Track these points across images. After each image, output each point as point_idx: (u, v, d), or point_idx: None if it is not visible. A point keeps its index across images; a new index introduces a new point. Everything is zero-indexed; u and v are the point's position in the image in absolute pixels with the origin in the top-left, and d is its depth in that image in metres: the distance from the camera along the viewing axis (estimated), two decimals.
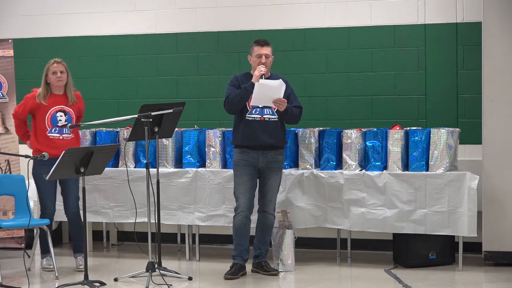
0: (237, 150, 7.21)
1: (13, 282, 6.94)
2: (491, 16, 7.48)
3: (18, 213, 7.58)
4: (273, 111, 7.14)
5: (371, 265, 7.65)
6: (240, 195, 7.12)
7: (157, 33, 8.98)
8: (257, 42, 7.21)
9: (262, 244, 7.23)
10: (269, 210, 7.19)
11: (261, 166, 7.13)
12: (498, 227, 7.45)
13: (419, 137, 7.42)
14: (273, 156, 7.15)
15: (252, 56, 7.20)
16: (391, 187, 7.37)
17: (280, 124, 7.17)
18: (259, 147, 7.10)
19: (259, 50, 7.15)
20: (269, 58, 7.17)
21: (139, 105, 7.04)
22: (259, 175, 7.18)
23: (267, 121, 7.12)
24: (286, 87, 7.10)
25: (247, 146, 7.11)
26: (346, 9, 8.48)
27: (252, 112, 7.12)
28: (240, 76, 7.24)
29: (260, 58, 7.13)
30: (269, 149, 7.12)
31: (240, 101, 7.05)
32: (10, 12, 9.33)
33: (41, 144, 7.41)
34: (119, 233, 8.89)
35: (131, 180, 7.58)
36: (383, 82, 8.40)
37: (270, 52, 7.18)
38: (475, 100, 7.97)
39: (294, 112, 7.18)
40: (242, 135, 7.13)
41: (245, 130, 7.11)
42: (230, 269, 7.15)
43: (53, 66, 7.46)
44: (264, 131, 7.09)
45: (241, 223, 7.12)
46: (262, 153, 7.11)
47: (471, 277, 7.19)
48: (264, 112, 7.12)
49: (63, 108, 7.49)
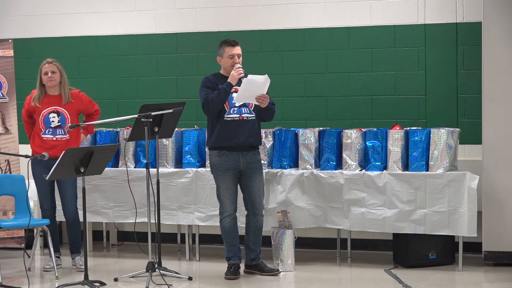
0: (214, 152, 7.11)
1: (13, 282, 6.94)
2: (491, 16, 7.48)
3: (18, 213, 7.59)
4: (250, 110, 7.09)
5: (371, 265, 7.65)
6: (225, 199, 7.09)
7: (157, 33, 8.98)
8: (227, 42, 7.13)
9: (256, 246, 7.20)
10: (260, 211, 7.19)
11: (242, 167, 7.09)
12: (498, 227, 7.45)
13: (419, 137, 7.42)
14: (252, 156, 7.12)
15: (223, 57, 7.13)
16: (391, 187, 7.37)
17: (257, 123, 7.15)
18: (239, 148, 7.06)
19: (231, 51, 7.09)
20: (241, 57, 7.13)
21: (139, 105, 7.04)
22: (241, 177, 7.13)
23: (245, 120, 7.08)
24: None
25: (226, 147, 7.07)
26: (346, 9, 8.48)
27: (230, 112, 7.06)
28: (211, 78, 7.16)
29: (233, 58, 7.08)
30: (248, 149, 7.10)
31: (220, 101, 6.99)
32: (10, 12, 9.33)
33: (35, 146, 7.44)
34: (119, 233, 8.90)
35: (131, 180, 7.59)
36: (383, 82, 8.41)
37: (241, 51, 7.13)
38: (475, 100, 7.98)
39: (273, 108, 7.16)
40: (220, 137, 7.05)
41: (224, 131, 7.04)
42: (229, 270, 7.15)
43: (45, 67, 7.48)
44: (244, 130, 7.05)
45: (230, 225, 7.12)
46: (242, 154, 7.07)
47: (471, 277, 7.19)
48: (242, 111, 7.08)
49: (56, 109, 7.49)
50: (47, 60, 7.52)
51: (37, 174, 7.33)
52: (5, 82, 8.49)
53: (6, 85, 8.49)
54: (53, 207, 7.58)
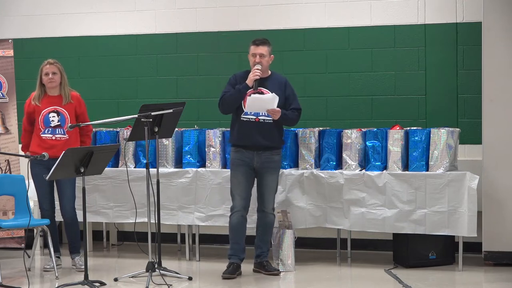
0: (233, 149, 7.23)
1: (13, 282, 6.94)
2: (491, 16, 7.48)
3: (18, 213, 7.59)
4: (268, 114, 7.13)
5: (371, 265, 7.65)
6: (236, 195, 7.15)
7: (157, 33, 8.98)
8: (253, 41, 7.20)
9: (263, 243, 7.24)
10: (268, 209, 7.19)
11: (256, 166, 7.13)
12: (498, 227, 7.45)
13: (419, 137, 7.42)
14: (268, 156, 7.14)
15: (249, 55, 7.21)
16: (391, 187, 7.37)
17: (275, 125, 7.16)
18: (254, 148, 7.10)
19: (254, 50, 7.14)
20: (265, 57, 7.12)
21: (139, 105, 7.04)
22: (256, 175, 7.18)
23: (262, 122, 7.11)
24: (286, 87, 7.14)
25: (242, 145, 7.13)
26: (346, 9, 8.48)
27: (247, 113, 7.11)
28: (239, 75, 7.21)
29: (254, 57, 7.12)
30: (264, 149, 7.13)
31: (233, 102, 7.06)
32: (10, 12, 9.33)
33: (35, 145, 7.44)
34: (119, 233, 8.89)
35: (131, 180, 7.58)
36: (383, 82, 8.41)
37: (266, 51, 7.13)
38: (475, 100, 7.97)
39: (290, 116, 7.16)
40: (237, 135, 7.15)
41: (240, 130, 7.12)
42: (227, 269, 7.17)
43: (46, 67, 7.48)
44: (259, 132, 7.09)
45: (238, 221, 7.14)
46: (257, 153, 7.12)
47: (471, 277, 7.19)
48: (259, 114, 7.11)
49: (56, 108, 7.49)
50: (48, 60, 7.51)
51: (36, 174, 7.32)
52: (5, 82, 8.49)
53: (6, 85, 8.49)
54: (53, 207, 7.57)
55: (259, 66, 7.05)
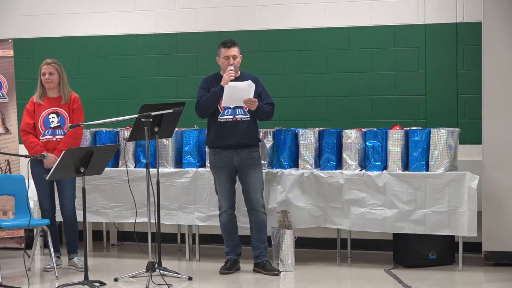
0: (211, 151, 7.31)
1: (13, 282, 6.95)
2: (491, 16, 7.48)
3: (18, 213, 7.59)
4: (245, 111, 7.19)
5: (371, 265, 7.65)
6: (220, 196, 7.29)
7: (157, 33, 8.98)
8: (223, 43, 7.24)
9: (259, 243, 7.25)
10: (257, 207, 7.22)
11: (237, 164, 7.19)
12: (498, 227, 7.45)
13: (419, 137, 7.42)
14: (247, 153, 7.21)
15: (220, 58, 7.23)
16: (391, 187, 7.37)
17: (252, 123, 7.24)
18: (233, 146, 7.16)
19: (226, 52, 7.18)
20: (237, 58, 7.20)
21: (139, 105, 7.05)
22: (238, 174, 7.24)
23: (239, 121, 7.18)
24: (257, 85, 7.20)
25: (221, 146, 7.18)
26: (346, 9, 8.47)
27: (224, 114, 7.18)
28: (209, 78, 7.30)
29: (228, 59, 7.16)
30: (243, 147, 7.19)
31: (210, 105, 7.14)
32: (10, 12, 9.33)
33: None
34: (119, 233, 8.90)
35: (131, 180, 7.58)
36: (383, 82, 8.40)
37: (237, 52, 7.21)
38: (475, 100, 7.97)
39: (266, 109, 7.23)
40: (215, 136, 7.21)
41: (218, 131, 7.19)
42: (225, 265, 7.27)
43: (43, 68, 7.48)
44: (237, 131, 7.16)
45: (227, 220, 7.28)
46: (236, 151, 7.18)
47: (471, 277, 7.19)
48: (236, 113, 7.18)
49: (55, 109, 7.49)
50: (46, 60, 7.52)
51: (36, 174, 7.33)
52: (5, 82, 8.49)
53: (6, 85, 8.49)
54: (53, 207, 7.57)
55: (232, 67, 7.13)
